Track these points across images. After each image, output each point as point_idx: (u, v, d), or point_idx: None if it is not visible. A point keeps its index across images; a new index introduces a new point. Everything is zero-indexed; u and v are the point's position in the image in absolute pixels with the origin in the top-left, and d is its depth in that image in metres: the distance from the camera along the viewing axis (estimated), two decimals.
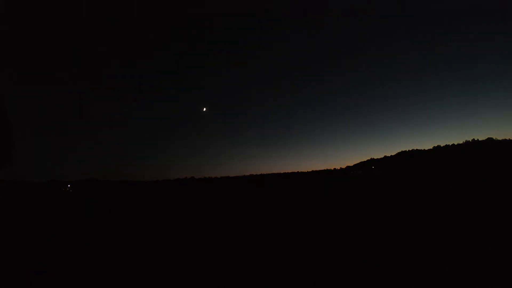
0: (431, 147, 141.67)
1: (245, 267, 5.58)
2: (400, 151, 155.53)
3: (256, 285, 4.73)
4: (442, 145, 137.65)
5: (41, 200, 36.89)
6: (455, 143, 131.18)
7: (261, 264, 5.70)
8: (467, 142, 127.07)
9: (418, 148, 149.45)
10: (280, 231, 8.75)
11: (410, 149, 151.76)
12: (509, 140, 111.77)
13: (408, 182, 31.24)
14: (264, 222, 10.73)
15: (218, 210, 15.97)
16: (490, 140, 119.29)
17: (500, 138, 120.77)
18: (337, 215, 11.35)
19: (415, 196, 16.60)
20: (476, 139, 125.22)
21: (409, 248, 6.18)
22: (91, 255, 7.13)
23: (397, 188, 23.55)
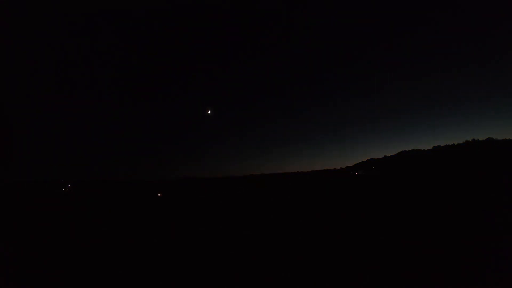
0: (431, 147, 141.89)
1: (245, 267, 5.57)
2: (400, 151, 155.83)
3: (256, 285, 4.73)
4: (442, 145, 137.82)
5: (41, 200, 36.86)
6: (455, 143, 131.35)
7: (261, 264, 5.69)
8: (467, 142, 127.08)
9: (418, 148, 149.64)
10: (280, 231, 8.75)
11: (410, 149, 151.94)
12: (509, 140, 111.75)
13: (408, 182, 31.22)
14: (264, 222, 10.72)
15: (218, 210, 15.96)
16: (490, 140, 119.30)
17: (500, 138, 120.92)
18: (337, 215, 11.34)
19: (415, 196, 16.57)
20: (476, 139, 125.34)
21: (410, 248, 6.18)
22: (91, 255, 7.12)
23: (397, 188, 23.53)
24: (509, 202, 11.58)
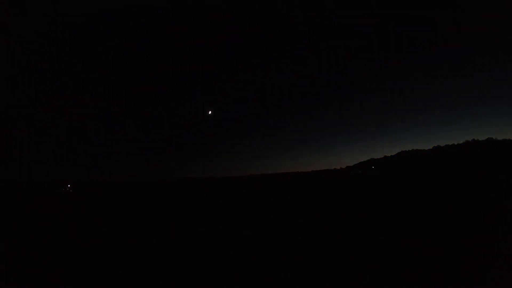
0: (431, 147, 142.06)
1: (245, 267, 5.57)
2: (400, 151, 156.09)
3: (256, 285, 4.73)
4: (442, 145, 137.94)
5: (41, 200, 36.85)
6: (455, 143, 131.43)
7: (261, 264, 5.70)
8: (467, 142, 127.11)
9: (418, 148, 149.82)
10: (280, 231, 8.75)
11: (410, 149, 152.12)
12: (509, 140, 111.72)
13: (408, 182, 31.21)
14: (264, 222, 10.72)
15: (218, 210, 15.96)
16: (490, 140, 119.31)
17: (500, 138, 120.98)
18: (337, 215, 11.34)
19: (415, 196, 16.57)
20: (476, 139, 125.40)
21: (410, 248, 6.18)
22: (91, 255, 7.12)
23: (397, 188, 23.52)
24: (509, 202, 11.58)
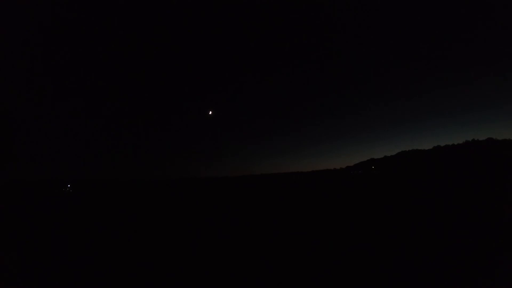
0: (431, 147, 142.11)
1: (245, 267, 5.58)
2: (400, 151, 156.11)
3: (256, 285, 4.73)
4: (442, 145, 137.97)
5: (41, 200, 36.84)
6: (455, 143, 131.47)
7: (261, 264, 5.70)
8: (467, 142, 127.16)
9: (418, 148, 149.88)
10: (280, 231, 8.75)
11: (410, 149, 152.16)
12: (509, 140, 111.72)
13: (408, 182, 31.21)
14: (264, 222, 10.73)
15: (218, 210, 15.97)
16: (490, 140, 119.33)
17: (500, 138, 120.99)
18: (337, 215, 11.35)
19: (415, 196, 16.57)
20: (476, 139, 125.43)
21: (410, 248, 6.18)
22: (91, 255, 7.13)
23: (397, 188, 23.53)
24: (509, 202, 11.58)
